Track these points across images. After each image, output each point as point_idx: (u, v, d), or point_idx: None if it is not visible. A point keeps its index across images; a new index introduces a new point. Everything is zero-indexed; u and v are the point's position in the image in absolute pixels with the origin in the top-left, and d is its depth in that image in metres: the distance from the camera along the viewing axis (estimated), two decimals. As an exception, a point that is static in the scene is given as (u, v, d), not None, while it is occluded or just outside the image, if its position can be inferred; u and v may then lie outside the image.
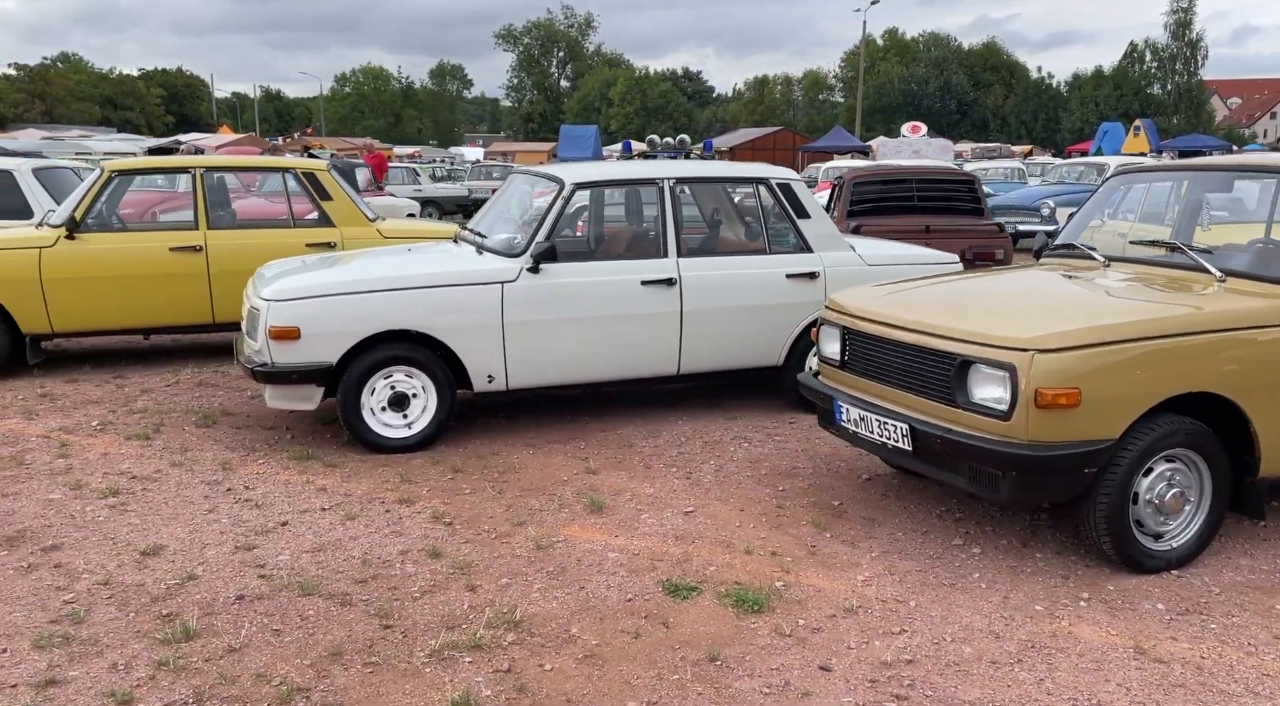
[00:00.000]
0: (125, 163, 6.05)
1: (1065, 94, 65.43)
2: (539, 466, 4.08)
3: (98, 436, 4.49)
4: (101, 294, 5.66)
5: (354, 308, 4.10)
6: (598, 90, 65.29)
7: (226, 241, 5.92)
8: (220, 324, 5.99)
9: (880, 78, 63.93)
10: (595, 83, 65.87)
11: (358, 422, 4.20)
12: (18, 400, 5.12)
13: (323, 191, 6.16)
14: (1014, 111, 65.00)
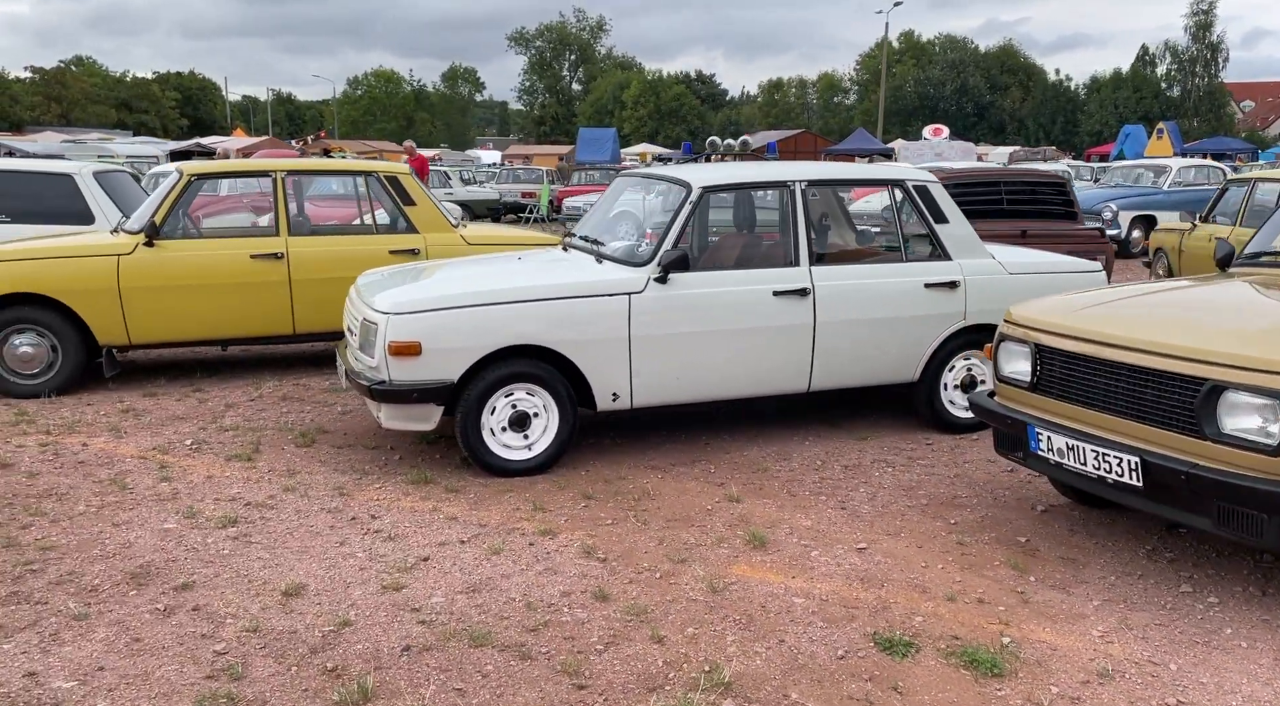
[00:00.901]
0: (203, 166, 5.80)
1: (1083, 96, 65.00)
2: (674, 492, 3.81)
3: (195, 457, 4.23)
4: (181, 303, 5.41)
5: (478, 321, 3.84)
6: (611, 93, 65.09)
7: (308, 248, 5.66)
8: (300, 335, 5.74)
9: (896, 80, 63.55)
10: (608, 85, 65.67)
11: (477, 444, 3.93)
12: (100, 416, 4.87)
13: (406, 196, 5.90)
14: (1031, 114, 64.55)
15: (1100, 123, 60.94)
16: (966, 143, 37.54)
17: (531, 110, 73.41)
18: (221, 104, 69.99)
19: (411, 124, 69.68)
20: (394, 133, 64.77)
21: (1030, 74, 68.03)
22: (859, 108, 64.46)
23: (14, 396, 5.18)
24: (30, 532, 3.37)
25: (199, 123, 62.74)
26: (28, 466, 4.08)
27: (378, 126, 66.99)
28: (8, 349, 5.17)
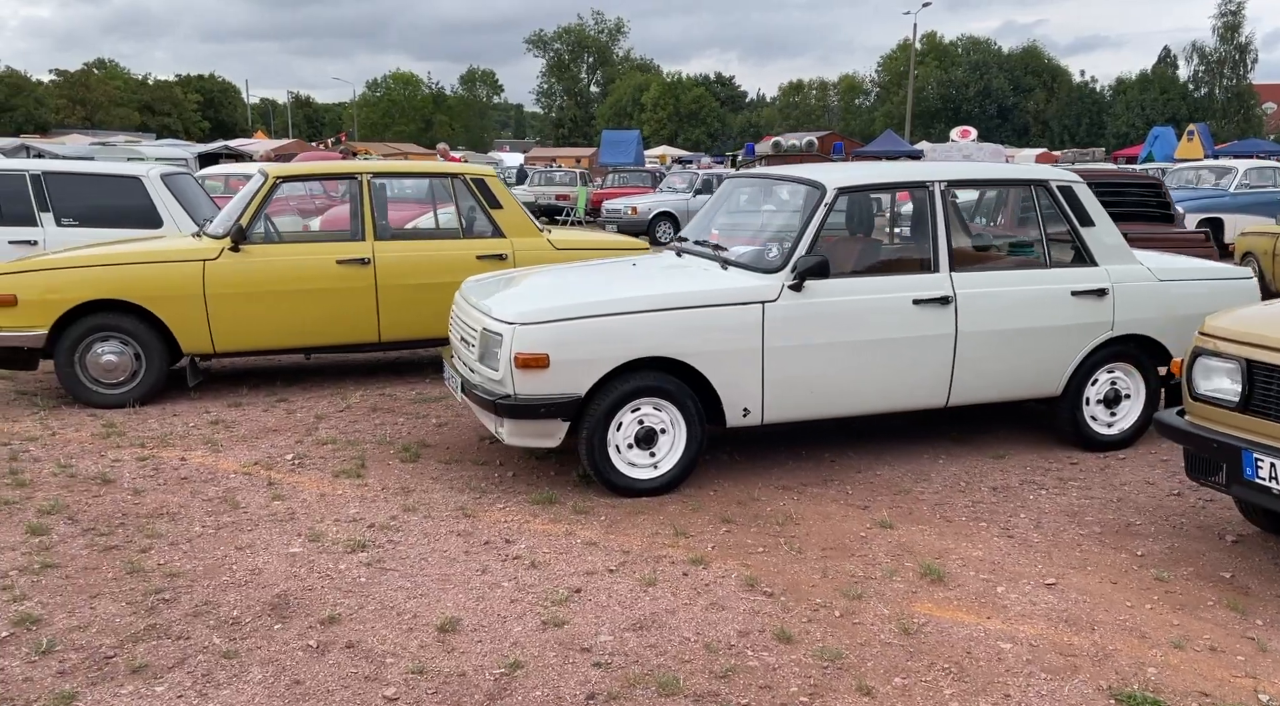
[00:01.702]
0: (289, 169, 5.62)
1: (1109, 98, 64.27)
2: (817, 517, 3.57)
3: (301, 473, 4.03)
4: (267, 310, 5.22)
5: (609, 331, 3.61)
6: (630, 95, 64.96)
7: (394, 253, 5.46)
8: (385, 343, 5.54)
9: (918, 82, 63.02)
10: (627, 88, 65.54)
11: (603, 461, 3.71)
12: (191, 428, 4.69)
13: (492, 198, 5.70)
14: (1056, 116, 63.90)
15: (1127, 124, 60.20)
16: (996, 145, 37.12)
17: (549, 113, 73.40)
18: (242, 107, 70.38)
19: (430, 126, 69.82)
20: (412, 135, 64.90)
21: (1055, 75, 67.36)
22: (880, 110, 64.01)
23: (97, 406, 5.01)
24: (151, 556, 3.17)
25: (220, 125, 63.07)
26: (130, 483, 3.89)
27: (396, 129, 67.15)
28: (91, 357, 5.00)
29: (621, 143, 40.77)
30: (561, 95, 71.96)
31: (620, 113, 64.04)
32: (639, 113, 63.18)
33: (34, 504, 3.63)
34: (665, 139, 60.90)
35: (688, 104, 62.86)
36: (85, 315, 4.98)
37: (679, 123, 62.45)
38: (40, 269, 4.95)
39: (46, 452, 4.26)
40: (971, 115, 62.51)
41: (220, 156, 28.83)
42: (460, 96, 74.43)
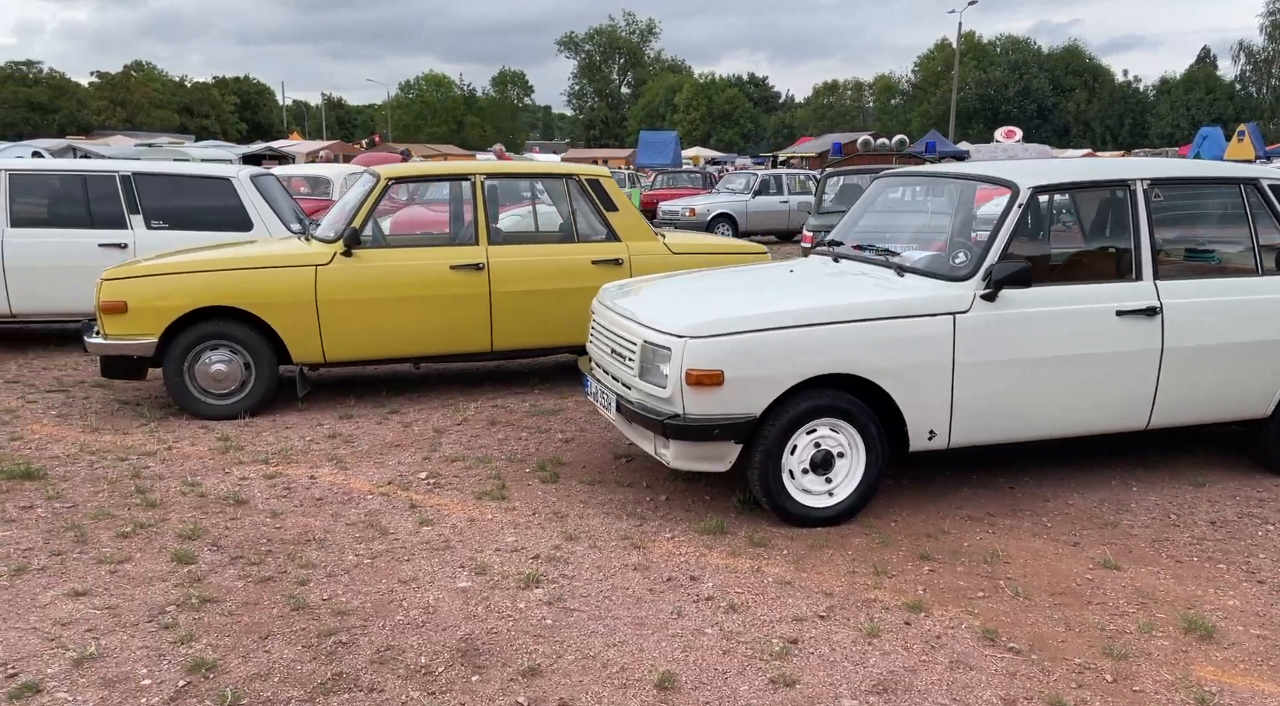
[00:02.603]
0: (402, 170, 5.38)
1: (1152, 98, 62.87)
2: (1026, 554, 3.23)
3: (440, 494, 3.77)
4: (379, 318, 4.98)
5: (791, 345, 3.30)
6: (662, 96, 64.68)
7: (508, 258, 5.20)
8: (498, 352, 5.27)
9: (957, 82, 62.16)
10: (660, 89, 65.28)
11: (776, 487, 3.40)
12: (309, 442, 4.45)
13: (608, 201, 5.42)
14: (1098, 116, 62.62)
15: (1171, 125, 58.81)
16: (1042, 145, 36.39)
17: (580, 114, 73.34)
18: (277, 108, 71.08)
19: (461, 127, 70.07)
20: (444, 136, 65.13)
21: (1096, 75, 66.09)
22: (916, 110, 63.15)
23: (205, 417, 4.79)
24: (312, 590, 2.91)
25: (257, 127, 63.70)
26: (265, 504, 3.65)
27: (428, 130, 67.44)
28: (200, 366, 4.79)
29: (659, 143, 40.47)
30: (593, 96, 71.89)
31: (653, 114, 63.80)
32: (671, 114, 62.90)
33: (170, 527, 3.40)
34: (698, 140, 60.53)
35: (721, 105, 62.46)
36: (194, 322, 4.78)
37: (712, 123, 62.07)
38: (150, 274, 4.74)
39: (168, 469, 4.04)
40: (1010, 115, 61.48)
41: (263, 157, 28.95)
42: (492, 98, 74.64)
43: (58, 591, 2.88)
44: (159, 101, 59.43)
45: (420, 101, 72.18)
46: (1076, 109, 64.12)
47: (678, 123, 61.17)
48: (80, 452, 4.24)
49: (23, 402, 5.08)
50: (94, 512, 3.51)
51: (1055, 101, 64.43)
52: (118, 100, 58.53)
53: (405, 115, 70.85)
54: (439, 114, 71.14)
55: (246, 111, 65.82)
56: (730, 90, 63.90)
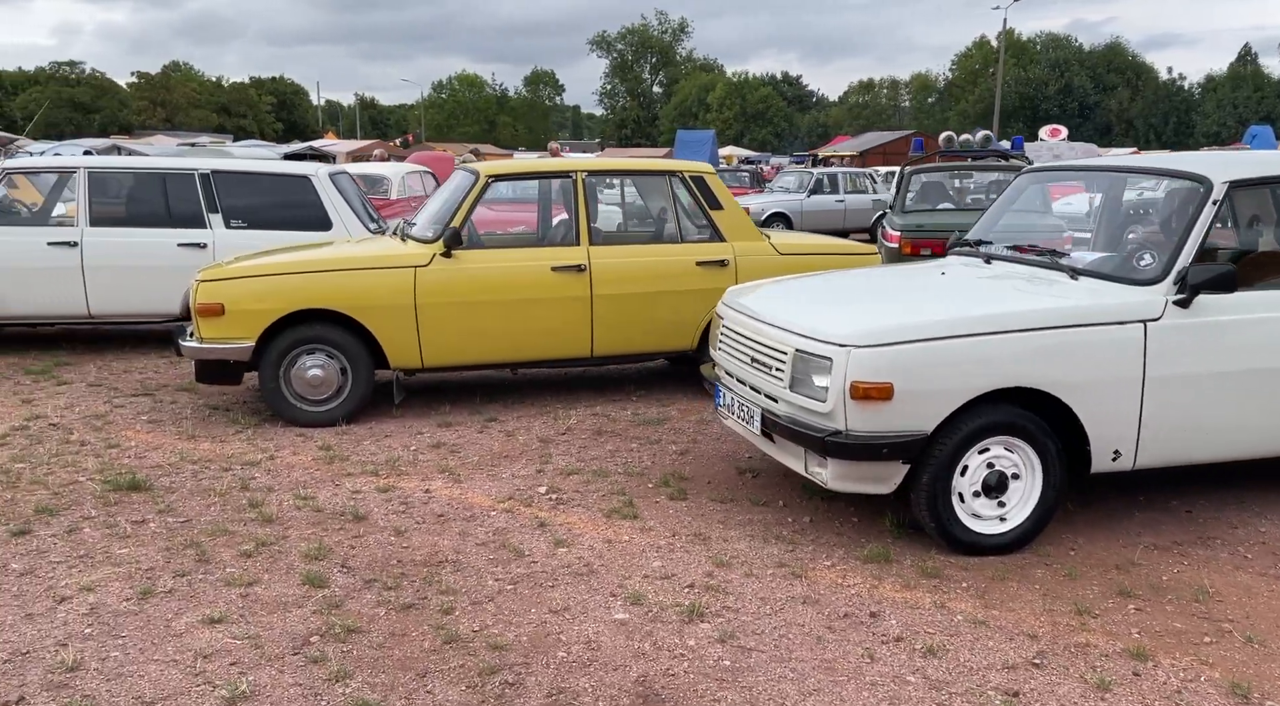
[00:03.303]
0: (502, 167, 5.16)
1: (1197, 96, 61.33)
2: (1236, 590, 2.90)
3: (567, 511, 3.53)
4: (479, 321, 4.76)
5: (969, 356, 3.02)
6: (695, 95, 64.32)
7: (609, 259, 4.96)
8: (597, 357, 5.04)
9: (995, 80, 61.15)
10: (692, 88, 64.92)
11: (945, 512, 3.12)
12: (414, 453, 4.24)
13: (712, 199, 5.16)
14: (1141, 114, 61.21)
15: (1218, 123, 57.29)
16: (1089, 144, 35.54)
17: (612, 113, 73.19)
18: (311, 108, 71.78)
19: (493, 127, 70.29)
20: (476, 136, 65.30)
21: (1139, 73, 64.65)
22: (954, 109, 62.20)
23: (302, 424, 4.61)
24: (459, 620, 2.69)
25: (293, 126, 64.33)
26: (385, 520, 3.44)
27: (460, 130, 67.69)
28: (296, 371, 4.61)
29: (696, 142, 40.00)
30: (624, 96, 71.72)
31: (685, 113, 63.46)
32: (704, 113, 62.52)
33: (292, 545, 3.20)
34: (731, 139, 60.10)
35: (754, 103, 61.96)
36: (291, 326, 4.60)
37: (745, 122, 61.59)
38: (247, 276, 4.56)
39: (275, 480, 3.85)
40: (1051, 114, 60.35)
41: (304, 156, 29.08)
42: (524, 97, 74.79)
43: (191, 617, 2.69)
44: (197, 101, 60.22)
45: (453, 101, 72.52)
46: (1119, 107, 62.76)
47: (710, 122, 60.76)
48: (181, 461, 4.06)
49: (111, 407, 4.94)
50: (210, 528, 3.33)
51: (1097, 99, 63.10)
52: (157, 100, 59.39)
53: (438, 115, 71.21)
54: (471, 113, 71.43)
55: (282, 111, 66.50)
56: (764, 89, 63.39)
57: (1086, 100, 62.79)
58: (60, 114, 53.02)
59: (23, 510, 3.46)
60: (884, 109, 65.01)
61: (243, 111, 61.51)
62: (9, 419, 4.68)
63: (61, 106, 53.86)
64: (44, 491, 3.66)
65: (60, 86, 56.15)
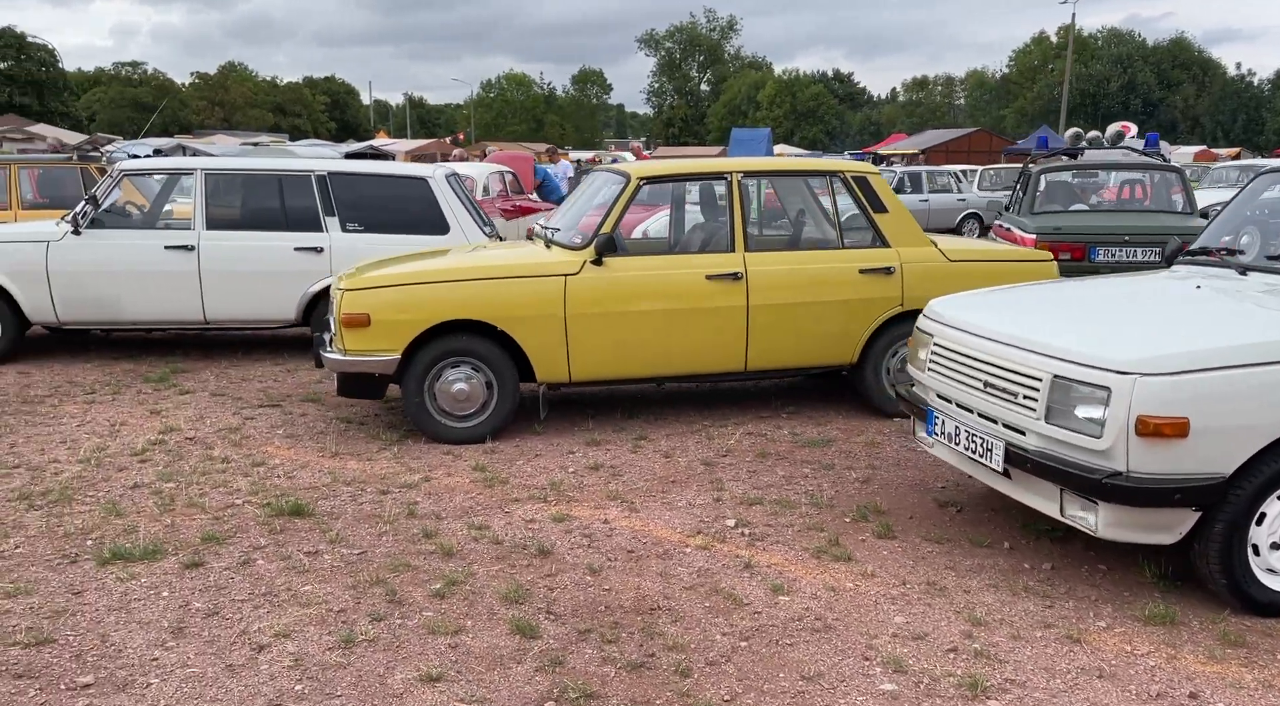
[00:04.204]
0: (652, 168, 4.84)
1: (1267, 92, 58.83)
2: None
3: (765, 548, 3.19)
4: (631, 333, 4.45)
5: (1272, 388, 2.62)
6: (744, 93, 63.62)
7: (767, 267, 4.60)
8: (751, 372, 4.70)
9: (1055, 76, 59.46)
10: (742, 85, 64.23)
11: (1240, 567, 2.70)
12: (573, 475, 3.93)
13: (877, 201, 4.78)
14: (1208, 111, 58.94)
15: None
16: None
17: (660, 112, 72.82)
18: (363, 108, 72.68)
19: (541, 126, 70.41)
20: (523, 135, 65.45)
21: (1205, 69, 62.29)
22: (1012, 106, 60.59)
23: (446, 441, 4.34)
24: (701, 686, 2.36)
25: (345, 126, 65.16)
26: (573, 555, 3.14)
27: (508, 129, 67.94)
28: (441, 385, 4.35)
29: (751, 141, 39.48)
30: (672, 94, 71.28)
31: (734, 111, 62.83)
32: (754, 111, 61.81)
33: (483, 583, 2.91)
34: (782, 137, 59.30)
35: (805, 101, 61.06)
36: (435, 337, 4.33)
37: (796, 120, 60.74)
38: (392, 285, 4.30)
39: (438, 505, 3.58)
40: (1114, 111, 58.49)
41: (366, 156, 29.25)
42: (572, 96, 74.83)
43: (405, 673, 2.40)
44: (253, 101, 61.30)
45: (501, 100, 72.82)
46: (1184, 104, 60.55)
47: (760, 120, 60.04)
48: (334, 482, 3.81)
49: (242, 420, 4.73)
50: (390, 562, 3.05)
51: (1162, 96, 60.93)
52: (215, 100, 60.60)
53: (486, 114, 71.55)
54: (519, 113, 71.65)
55: (335, 111, 67.44)
56: (814, 87, 62.44)
57: (1150, 97, 60.67)
58: (122, 114, 54.38)
59: (187, 537, 3.23)
60: (938, 106, 63.57)
61: (297, 111, 62.45)
62: (143, 431, 4.50)
63: (124, 106, 55.25)
64: (203, 516, 3.43)
65: (123, 87, 57.59)
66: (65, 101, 50.74)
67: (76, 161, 7.94)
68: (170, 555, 3.08)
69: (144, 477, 3.83)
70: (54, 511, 3.44)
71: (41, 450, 4.18)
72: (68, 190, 7.94)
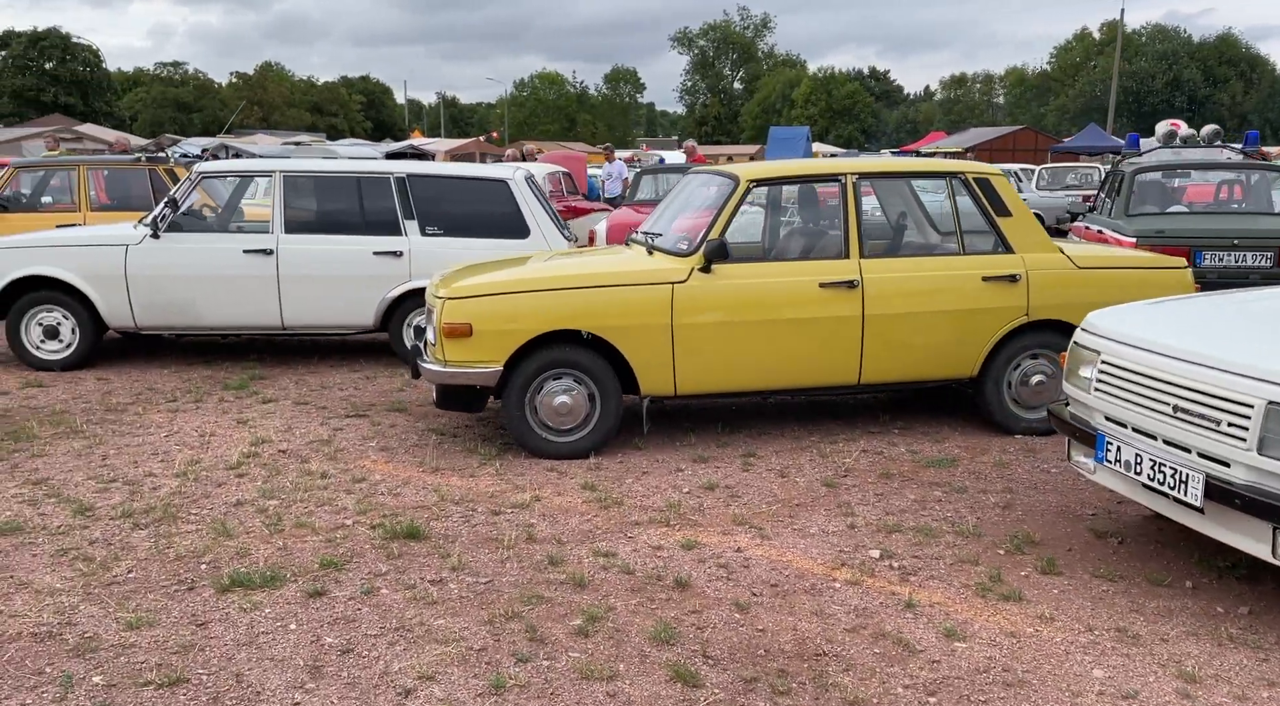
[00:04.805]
0: (761, 170, 4.61)
1: (1322, 89, 57.08)
2: None
3: (921, 585, 2.93)
4: (740, 344, 4.21)
5: None
6: (779, 91, 63.02)
7: (884, 274, 4.35)
8: (865, 386, 4.45)
9: (1099, 73, 58.21)
10: (776, 83, 63.63)
11: None
12: (688, 495, 3.70)
13: (1000, 204, 4.50)
14: (1256, 108, 57.28)
15: (1347, 118, 53.22)
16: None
17: (692, 110, 72.42)
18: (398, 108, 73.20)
19: (574, 125, 70.37)
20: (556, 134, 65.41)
21: (1254, 65, 60.55)
22: (1053, 103, 59.37)
23: (547, 456, 4.14)
24: (904, 751, 2.13)
25: (380, 125, 65.62)
26: (713, 589, 2.91)
27: (541, 128, 67.98)
28: (542, 398, 4.15)
29: (790, 139, 38.94)
30: (705, 93, 70.87)
31: (768, 109, 62.27)
32: (789, 109, 61.20)
33: (624, 619, 2.69)
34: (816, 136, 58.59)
35: (841, 99, 60.32)
36: (537, 348, 4.13)
37: (831, 119, 60.04)
38: (495, 293, 4.11)
39: (555, 528, 3.37)
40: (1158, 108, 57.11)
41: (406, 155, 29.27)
42: (605, 95, 74.74)
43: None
44: (291, 101, 61.92)
45: (534, 99, 72.90)
46: (1231, 101, 58.89)
47: (795, 118, 59.43)
48: (442, 501, 3.63)
49: (331, 431, 4.57)
50: (521, 594, 2.85)
51: (1208, 93, 59.32)
52: (254, 99, 61.32)
53: (518, 113, 71.65)
54: (551, 112, 71.67)
55: (370, 110, 67.94)
56: (850, 84, 61.65)
57: (1196, 94, 59.11)
58: (164, 113, 55.23)
59: (303, 561, 3.06)
60: (976, 104, 62.47)
61: (334, 110, 62.98)
62: (233, 442, 4.35)
63: (166, 106, 56.09)
64: (315, 537, 3.26)
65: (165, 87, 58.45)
66: (109, 101, 51.66)
67: (144, 163, 7.88)
68: (290, 582, 2.91)
69: (245, 494, 3.68)
70: (160, 531, 3.29)
71: (135, 462, 4.05)
72: (135, 192, 7.88)
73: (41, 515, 3.42)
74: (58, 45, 49.21)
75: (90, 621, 2.65)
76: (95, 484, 3.77)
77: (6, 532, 3.24)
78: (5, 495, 3.62)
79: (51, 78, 48.54)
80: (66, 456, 4.12)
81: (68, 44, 49.65)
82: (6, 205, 7.59)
